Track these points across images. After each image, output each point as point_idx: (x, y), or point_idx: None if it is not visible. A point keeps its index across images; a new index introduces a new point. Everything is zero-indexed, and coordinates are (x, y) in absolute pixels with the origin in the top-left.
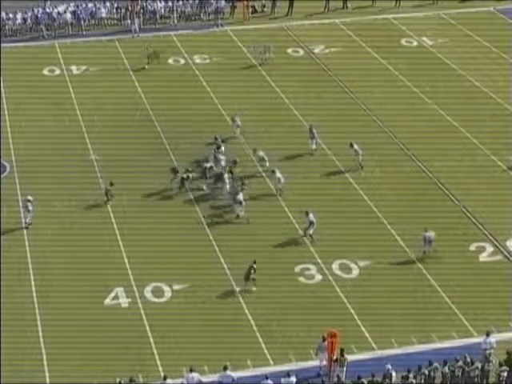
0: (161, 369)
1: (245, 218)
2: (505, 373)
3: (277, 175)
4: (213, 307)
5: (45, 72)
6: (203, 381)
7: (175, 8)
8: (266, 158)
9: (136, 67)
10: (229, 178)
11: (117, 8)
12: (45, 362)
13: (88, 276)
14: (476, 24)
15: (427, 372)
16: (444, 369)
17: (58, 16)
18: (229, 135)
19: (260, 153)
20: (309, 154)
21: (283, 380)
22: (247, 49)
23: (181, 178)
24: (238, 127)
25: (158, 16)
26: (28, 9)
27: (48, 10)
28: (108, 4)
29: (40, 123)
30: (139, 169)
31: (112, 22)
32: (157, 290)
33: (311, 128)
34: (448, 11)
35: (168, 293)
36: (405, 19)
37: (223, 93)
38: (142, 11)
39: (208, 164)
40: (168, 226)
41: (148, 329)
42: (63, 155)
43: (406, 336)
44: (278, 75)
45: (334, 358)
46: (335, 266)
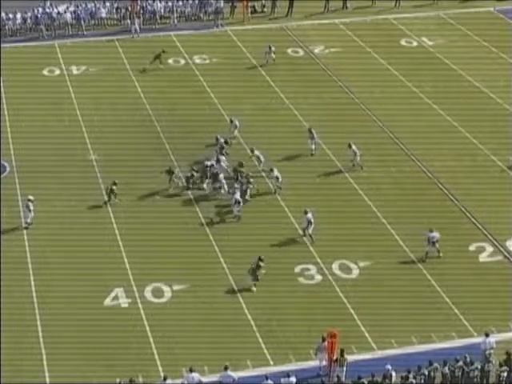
0: (161, 369)
1: (237, 217)
2: (505, 373)
3: (274, 174)
4: (213, 307)
5: (45, 72)
6: (203, 381)
7: (175, 8)
8: (262, 158)
9: (136, 67)
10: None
11: (117, 8)
12: (45, 362)
13: (88, 276)
14: (476, 24)
15: (427, 372)
16: (444, 369)
17: (58, 16)
18: (228, 135)
19: (256, 152)
20: (309, 155)
21: (283, 380)
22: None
23: (186, 177)
24: (236, 128)
25: (158, 16)
26: (28, 9)
27: (48, 10)
28: (108, 4)
29: (40, 123)
30: (139, 169)
31: (112, 22)
32: (157, 290)
33: (310, 129)
34: (448, 11)
35: (168, 293)
36: (405, 19)
37: (223, 93)
38: (142, 11)
39: (209, 162)
40: (168, 226)
41: (148, 329)
42: (63, 155)
43: (406, 336)
44: (278, 75)
45: (334, 358)
46: (335, 266)
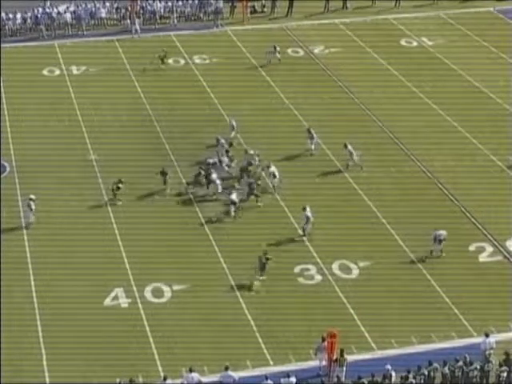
0: (161, 369)
1: (232, 217)
2: (504, 373)
3: (270, 169)
4: (213, 307)
5: (45, 72)
6: (203, 381)
7: (175, 8)
8: (257, 158)
9: (136, 67)
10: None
11: (117, 8)
12: (45, 362)
13: (88, 276)
14: (476, 24)
15: (427, 372)
16: (444, 369)
17: (58, 16)
18: (227, 136)
19: (251, 151)
20: (308, 155)
21: (283, 380)
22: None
23: (194, 176)
24: (234, 129)
25: (158, 16)
26: (28, 9)
27: (48, 10)
28: (108, 4)
29: (40, 123)
30: (139, 169)
31: (112, 22)
32: (157, 290)
33: (309, 129)
34: (448, 11)
35: (168, 293)
36: (405, 19)
37: (223, 93)
38: (142, 11)
39: (211, 160)
40: (168, 226)
41: (148, 329)
42: (63, 155)
43: (406, 336)
44: (278, 75)
45: (334, 358)
46: (335, 266)
